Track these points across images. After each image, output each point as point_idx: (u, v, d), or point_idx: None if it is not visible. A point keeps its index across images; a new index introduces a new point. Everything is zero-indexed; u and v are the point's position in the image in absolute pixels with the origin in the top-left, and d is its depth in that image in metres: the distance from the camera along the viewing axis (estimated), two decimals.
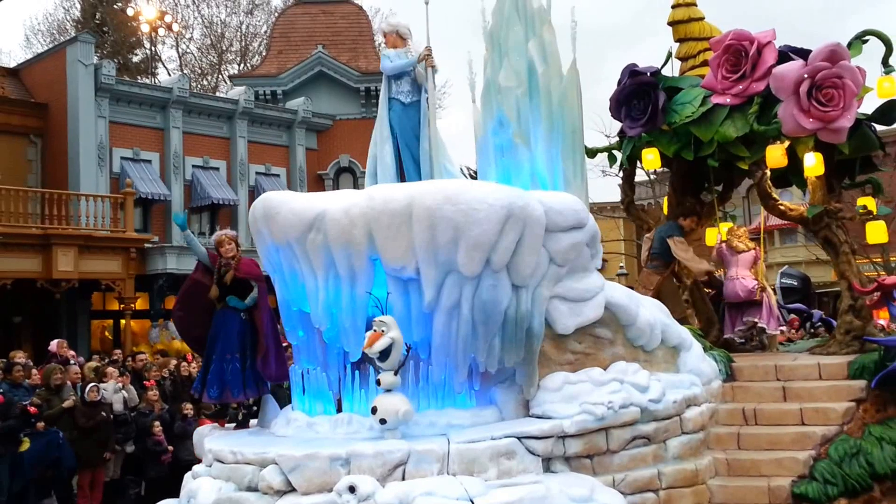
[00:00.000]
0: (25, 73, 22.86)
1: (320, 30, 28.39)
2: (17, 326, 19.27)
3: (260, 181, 23.97)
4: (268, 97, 26.67)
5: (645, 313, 6.89)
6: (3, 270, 17.39)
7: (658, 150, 9.42)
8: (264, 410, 6.91)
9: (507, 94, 7.05)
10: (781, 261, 29.48)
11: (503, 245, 5.71)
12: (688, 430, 6.60)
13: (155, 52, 35.12)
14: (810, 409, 7.07)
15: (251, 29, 37.90)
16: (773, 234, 31.72)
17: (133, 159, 21.81)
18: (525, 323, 5.97)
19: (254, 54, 36.88)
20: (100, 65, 21.28)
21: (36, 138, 21.41)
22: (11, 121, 20.81)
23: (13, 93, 21.70)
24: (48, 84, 21.46)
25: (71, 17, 36.69)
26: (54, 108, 21.17)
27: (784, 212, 9.03)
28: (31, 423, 9.14)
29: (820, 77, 8.11)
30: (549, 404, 6.00)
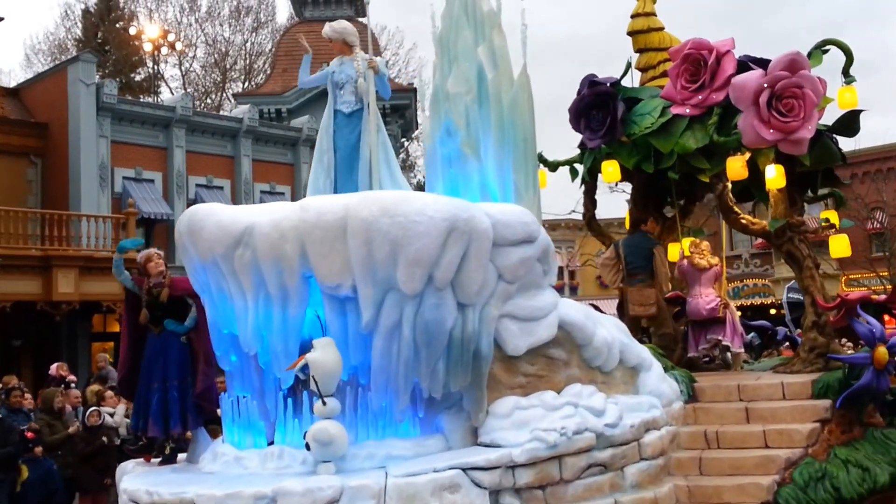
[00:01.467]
0: (26, 93, 22.56)
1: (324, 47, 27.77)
2: (16, 350, 18.74)
3: (264, 199, 23.80)
4: (272, 115, 26.52)
5: (602, 332, 6.54)
6: (2, 293, 16.92)
7: (618, 162, 9.13)
8: (194, 443, 6.42)
9: (456, 100, 6.70)
10: (788, 276, 29.57)
11: (446, 261, 5.32)
12: (647, 455, 6.23)
13: (158, 70, 35.15)
14: (774, 430, 6.75)
15: (255, 47, 38.05)
16: None
17: (135, 179, 21.49)
18: (472, 344, 5.57)
19: (258, 72, 36.93)
20: (101, 84, 21.07)
21: (36, 158, 21.06)
22: (11, 141, 20.46)
23: (13, 113, 21.48)
24: (49, 104, 21.28)
25: (72, 37, 36.42)
26: (55, 128, 20.97)
27: (746, 225, 8.76)
28: (30, 448, 8.93)
29: (780, 87, 7.88)
30: (498, 431, 5.59)
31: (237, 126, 23.43)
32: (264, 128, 24.33)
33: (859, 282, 29.74)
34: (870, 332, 6.82)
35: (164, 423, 6.07)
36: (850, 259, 29.28)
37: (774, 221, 8.46)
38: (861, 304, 7.50)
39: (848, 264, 29.74)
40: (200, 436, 6.49)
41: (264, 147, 24.29)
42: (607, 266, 9.41)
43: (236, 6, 37.73)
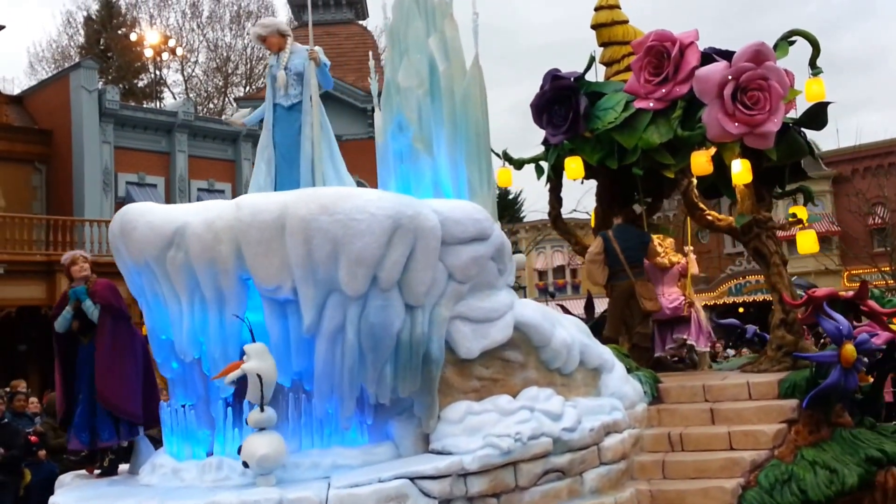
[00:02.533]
0: (29, 101, 22.74)
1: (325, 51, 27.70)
2: (22, 355, 18.68)
3: None
4: None
5: (562, 333, 6.30)
6: (7, 298, 17.02)
7: (581, 158, 8.92)
8: (136, 454, 6.12)
9: (408, 94, 6.44)
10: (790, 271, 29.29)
11: (391, 260, 5.06)
12: (607, 460, 6.00)
13: (159, 76, 35.32)
14: (739, 432, 6.54)
15: (256, 51, 37.75)
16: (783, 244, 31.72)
17: (138, 184, 21.61)
18: (421, 347, 5.31)
19: (259, 76, 36.81)
20: (104, 90, 21.25)
21: (40, 165, 21.43)
22: (16, 148, 20.73)
23: (17, 120, 21.62)
24: (52, 110, 21.45)
25: (75, 44, 36.49)
26: (58, 135, 21.19)
27: (712, 222, 8.57)
28: (33, 451, 8.94)
29: (744, 79, 7.69)
30: (449, 438, 5.34)
31: (238, 130, 23.54)
32: None
33: (861, 277, 29.90)
34: (836, 329, 6.63)
35: (91, 434, 5.75)
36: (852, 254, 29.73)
37: (741, 217, 8.27)
38: (828, 300, 7.32)
39: (850, 260, 30.18)
40: (143, 446, 6.20)
41: None
42: (597, 262, 8.97)
43: (237, 11, 37.93)
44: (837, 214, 31.62)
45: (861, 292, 7.27)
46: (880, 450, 6.68)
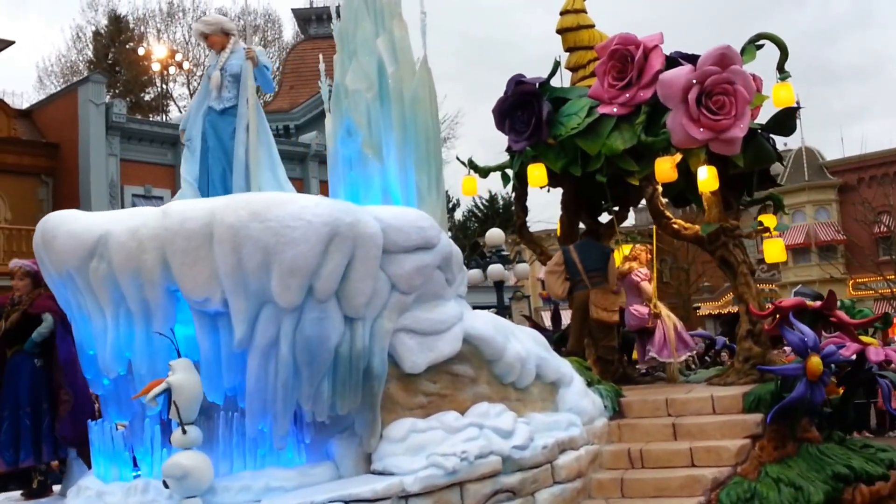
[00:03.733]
0: (37, 114, 22.76)
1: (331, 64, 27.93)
2: None
3: None
4: (280, 132, 26.97)
5: (516, 346, 6.05)
6: None
7: (545, 165, 8.68)
8: (67, 475, 5.80)
9: (356, 98, 6.18)
10: (794, 280, 29.74)
11: (328, 269, 4.78)
12: (561, 478, 5.74)
13: (166, 90, 35.66)
14: (701, 448, 6.29)
15: None
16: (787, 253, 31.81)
17: (144, 196, 21.67)
18: (362, 362, 5.03)
19: None
20: (111, 104, 21.36)
21: (47, 178, 21.46)
22: (23, 161, 20.80)
23: (25, 134, 21.73)
24: (60, 124, 21.50)
25: (84, 58, 36.63)
26: (66, 148, 21.24)
27: (678, 230, 8.35)
28: None
29: (709, 83, 7.49)
30: (391, 458, 5.05)
31: None
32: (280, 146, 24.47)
33: (866, 285, 30.07)
34: (801, 341, 6.41)
35: (15, 453, 5.43)
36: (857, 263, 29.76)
37: (707, 226, 8.05)
38: (795, 311, 7.11)
39: (856, 268, 30.23)
40: (74, 466, 5.87)
41: None
42: (555, 274, 8.79)
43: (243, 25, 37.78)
44: (843, 223, 31.68)
45: (828, 302, 7.06)
46: (848, 466, 6.46)
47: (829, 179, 32.22)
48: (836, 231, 31.63)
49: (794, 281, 29.58)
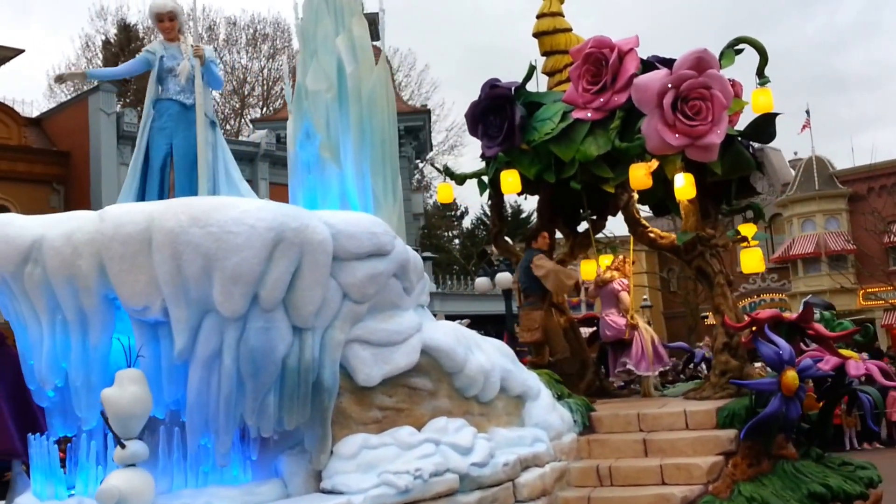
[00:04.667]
0: (48, 123, 22.89)
1: None
2: None
3: None
4: None
5: (479, 358, 5.81)
6: None
7: (519, 172, 8.47)
8: (11, 490, 5.57)
9: (316, 99, 5.95)
10: (805, 290, 29.65)
11: (273, 277, 4.54)
12: (523, 497, 5.49)
13: None
14: (671, 465, 6.05)
15: (272, 73, 38.34)
16: (797, 262, 31.88)
17: None
18: (311, 374, 4.78)
19: (276, 98, 37.20)
20: (122, 113, 21.47)
21: (59, 186, 21.63)
22: (34, 169, 20.90)
23: (36, 142, 21.83)
24: (70, 133, 21.64)
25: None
26: (77, 157, 21.36)
27: (654, 240, 8.14)
28: None
29: (685, 87, 7.29)
30: (340, 475, 4.80)
31: (255, 150, 23.79)
32: (282, 152, 24.99)
33: (877, 295, 30.05)
34: (776, 354, 6.19)
35: None
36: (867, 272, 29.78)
37: (682, 235, 7.85)
38: (772, 323, 6.90)
39: (866, 278, 30.21)
40: (19, 482, 5.64)
41: (282, 170, 24.51)
42: (516, 289, 8.72)
43: (253, 34, 38.23)
44: (853, 232, 31.66)
45: (805, 315, 6.84)
46: (824, 485, 6.24)
47: (839, 189, 32.19)
48: (847, 240, 31.59)
49: (804, 291, 29.50)
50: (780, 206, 33.53)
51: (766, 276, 33.23)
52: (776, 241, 34.70)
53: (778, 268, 33.34)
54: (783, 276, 32.98)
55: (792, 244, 32.35)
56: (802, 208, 32.55)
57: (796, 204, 32.65)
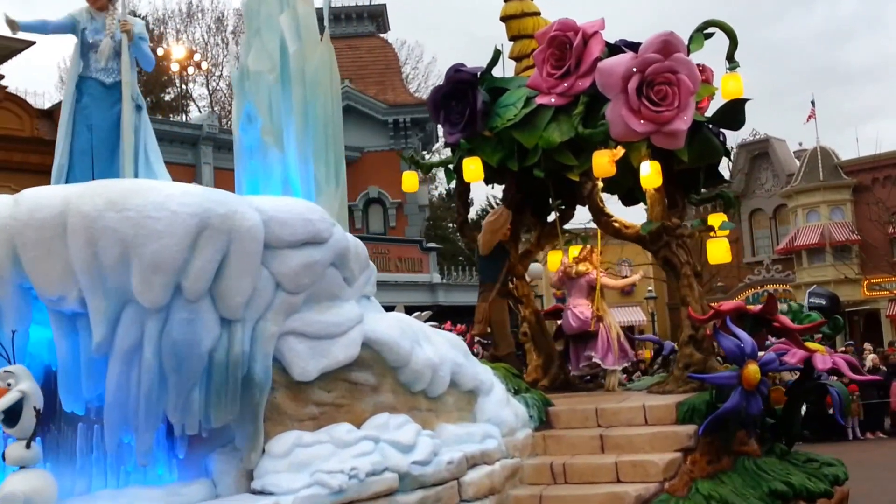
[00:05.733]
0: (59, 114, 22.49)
1: (346, 64, 29.31)
2: None
3: None
4: None
5: (427, 352, 5.57)
6: None
7: (481, 159, 8.22)
8: None
9: (258, 80, 5.69)
10: (809, 280, 29.63)
11: (197, 266, 4.28)
12: (468, 496, 5.27)
13: (185, 90, 35.99)
14: (627, 462, 5.85)
15: None
16: (801, 253, 31.85)
17: None
18: (241, 368, 4.53)
19: None
20: None
21: None
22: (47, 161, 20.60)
23: (48, 134, 21.13)
24: None
25: None
26: None
27: (619, 229, 7.90)
28: None
29: (651, 71, 7.05)
30: (271, 475, 4.56)
31: (197, 133, 23.31)
32: (225, 135, 24.54)
33: (881, 285, 30.10)
34: (737, 347, 5.98)
35: None
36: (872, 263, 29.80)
37: (647, 224, 7.63)
38: (735, 315, 6.69)
39: (870, 268, 30.24)
40: None
41: (227, 155, 24.56)
42: None
43: None
44: (857, 223, 31.64)
45: (768, 307, 6.64)
46: (786, 482, 6.04)
47: (843, 179, 32.13)
48: (851, 231, 31.53)
49: (808, 281, 29.48)
50: (785, 197, 33.48)
51: (771, 266, 33.27)
52: (781, 231, 34.71)
53: (782, 258, 33.36)
54: (787, 267, 32.96)
55: (796, 235, 32.31)
56: (807, 199, 32.44)
57: (801, 195, 32.55)
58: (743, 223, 35.92)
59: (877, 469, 11.22)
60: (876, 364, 16.58)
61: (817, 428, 15.13)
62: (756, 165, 35.78)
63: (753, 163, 35.77)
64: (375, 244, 23.73)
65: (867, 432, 15.25)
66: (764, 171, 35.72)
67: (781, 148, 35.60)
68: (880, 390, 15.88)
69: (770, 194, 35.19)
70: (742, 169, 35.37)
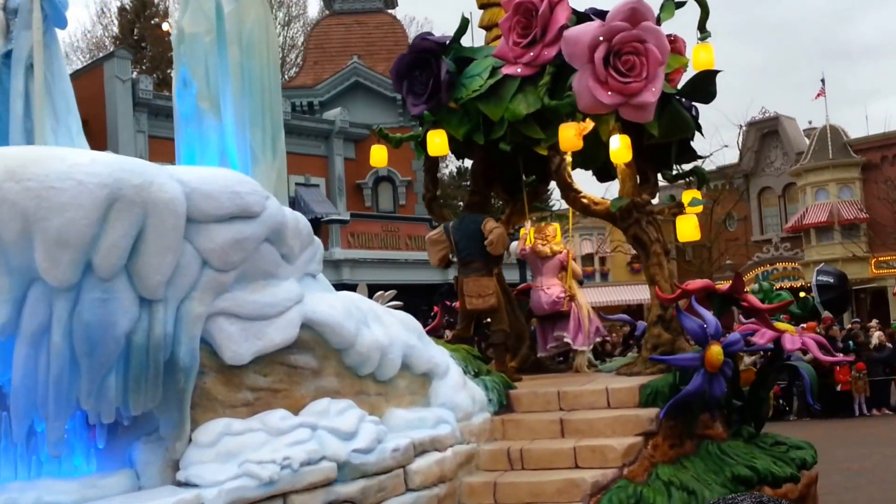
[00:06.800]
0: None
1: (355, 40, 29.16)
2: None
3: (300, 192, 23.89)
4: (304, 108, 27.10)
5: (375, 333, 5.27)
6: None
7: (447, 132, 7.88)
8: None
9: (193, 42, 5.32)
10: (817, 258, 29.58)
11: (110, 241, 3.95)
12: (416, 485, 5.00)
13: None
14: (586, 447, 5.59)
15: (288, 41, 38.07)
16: (810, 231, 31.67)
17: None
18: (163, 352, 4.22)
19: (291, 66, 37.03)
20: (137, 80, 21.45)
21: None
22: None
23: None
24: (86, 100, 21.40)
25: (109, 34, 36.55)
26: (93, 124, 20.68)
27: (588, 205, 7.59)
28: None
29: (618, 40, 6.72)
30: (196, 466, 4.27)
31: None
32: (297, 121, 24.45)
33: (889, 263, 30.12)
34: (699, 328, 5.71)
35: None
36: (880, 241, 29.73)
37: (617, 200, 7.32)
38: (703, 294, 6.42)
39: (878, 246, 30.16)
40: None
41: (297, 139, 24.13)
42: (436, 244, 8.02)
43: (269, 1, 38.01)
44: (865, 201, 31.58)
45: (735, 285, 6.36)
46: (750, 467, 5.80)
47: (852, 158, 32.00)
48: (860, 209, 31.51)
49: (816, 259, 29.49)
50: (794, 176, 33.39)
51: (779, 244, 33.21)
52: (790, 210, 34.58)
53: (791, 237, 33.30)
54: (796, 245, 32.93)
55: (805, 213, 32.26)
56: (816, 177, 32.32)
57: (810, 173, 32.42)
58: (752, 201, 35.81)
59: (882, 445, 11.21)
60: (882, 342, 16.53)
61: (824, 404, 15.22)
62: (766, 143, 35.57)
63: (763, 141, 35.55)
64: (385, 222, 23.51)
65: (873, 409, 15.28)
66: (774, 149, 35.53)
67: (791, 126, 35.33)
68: (886, 367, 15.84)
69: (779, 172, 35.02)
70: (752, 147, 35.13)
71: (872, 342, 16.56)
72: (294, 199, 23.71)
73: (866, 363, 15.55)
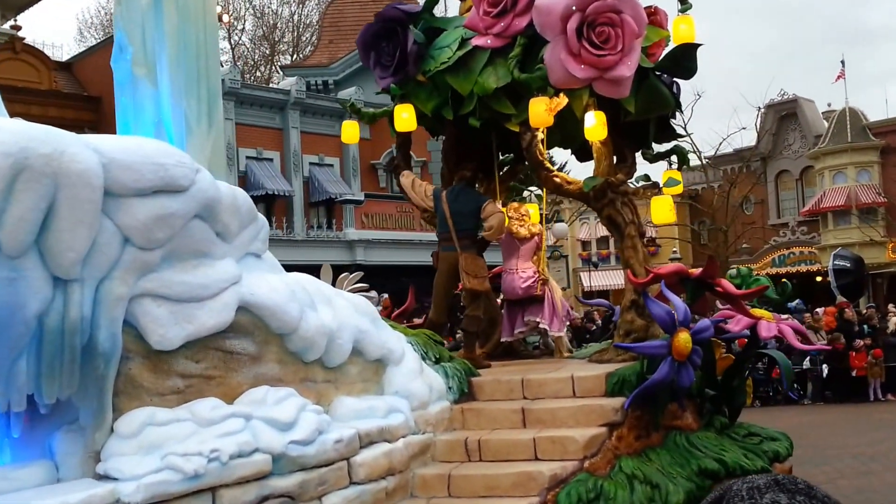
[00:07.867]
0: (78, 67, 22.98)
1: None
2: None
3: (314, 171, 24.06)
4: (319, 87, 26.94)
5: (323, 317, 4.97)
6: None
7: (415, 106, 7.54)
8: None
9: (130, 4, 4.97)
10: (834, 242, 29.33)
11: (15, 215, 3.63)
12: (361, 478, 4.72)
13: None
14: (545, 438, 5.30)
15: (303, 19, 38.34)
16: (827, 215, 31.38)
17: None
18: (80, 336, 3.91)
19: (306, 45, 37.18)
20: None
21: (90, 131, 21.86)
22: (66, 115, 20.57)
23: (67, 87, 21.72)
24: (101, 77, 21.17)
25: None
26: (107, 102, 20.90)
27: (560, 185, 7.27)
28: None
29: (592, 10, 6.39)
30: (117, 458, 3.98)
31: (285, 98, 23.54)
32: (311, 100, 24.47)
33: None
34: (667, 314, 5.41)
35: None
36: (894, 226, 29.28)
37: (590, 180, 7.00)
38: (676, 279, 6.12)
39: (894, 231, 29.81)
40: None
41: (312, 119, 24.34)
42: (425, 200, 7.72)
43: None
44: (884, 185, 31.21)
45: (709, 270, 6.06)
46: (718, 459, 5.52)
47: (871, 141, 31.61)
48: (878, 193, 31.11)
49: (833, 243, 29.20)
50: (812, 159, 32.99)
51: (796, 228, 32.92)
52: (807, 193, 34.30)
53: (808, 220, 33.00)
54: (813, 229, 32.61)
55: (823, 197, 31.87)
56: (834, 160, 31.91)
57: (828, 156, 32.01)
58: (769, 184, 35.42)
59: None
60: None
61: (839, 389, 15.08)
62: (784, 126, 35.11)
63: (781, 123, 35.08)
64: (400, 203, 23.08)
65: (888, 394, 15.13)
66: (792, 131, 35.07)
67: (810, 108, 34.84)
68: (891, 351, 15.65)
69: (797, 155, 34.59)
70: (769, 129, 34.69)
71: (889, 327, 16.33)
72: (308, 178, 23.79)
73: (882, 348, 15.37)
